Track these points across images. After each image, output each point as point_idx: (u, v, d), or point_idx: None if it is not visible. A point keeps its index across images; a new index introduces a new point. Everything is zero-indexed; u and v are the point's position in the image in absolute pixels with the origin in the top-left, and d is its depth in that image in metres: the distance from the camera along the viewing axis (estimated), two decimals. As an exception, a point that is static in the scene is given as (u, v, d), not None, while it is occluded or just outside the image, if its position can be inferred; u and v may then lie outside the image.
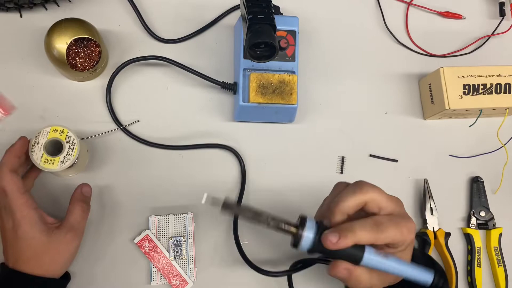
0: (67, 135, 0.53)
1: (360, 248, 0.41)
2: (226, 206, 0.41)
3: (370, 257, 0.41)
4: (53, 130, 0.53)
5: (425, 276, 0.43)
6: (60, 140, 0.53)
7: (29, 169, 0.56)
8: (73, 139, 0.53)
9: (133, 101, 0.63)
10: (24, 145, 0.52)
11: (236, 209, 0.43)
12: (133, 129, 0.62)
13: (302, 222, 0.42)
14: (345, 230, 0.40)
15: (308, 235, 0.41)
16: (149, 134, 0.62)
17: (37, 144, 0.53)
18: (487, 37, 0.73)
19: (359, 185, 0.42)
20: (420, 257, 0.49)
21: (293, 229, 0.42)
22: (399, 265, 0.42)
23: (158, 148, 0.62)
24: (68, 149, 0.53)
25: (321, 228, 0.42)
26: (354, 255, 0.41)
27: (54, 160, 0.53)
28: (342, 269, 0.41)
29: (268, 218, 0.41)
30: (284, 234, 0.42)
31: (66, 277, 0.54)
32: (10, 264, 0.49)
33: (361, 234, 0.39)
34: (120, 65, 0.61)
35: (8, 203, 0.49)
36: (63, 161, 0.53)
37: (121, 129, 0.61)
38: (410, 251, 0.44)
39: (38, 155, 0.52)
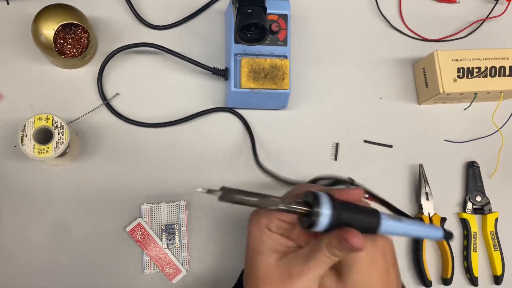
0: (53, 120, 0.53)
1: (375, 219, 0.38)
2: (225, 193, 0.35)
3: (386, 224, 0.38)
4: (38, 119, 0.52)
5: (435, 231, 0.42)
6: (48, 127, 0.52)
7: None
8: (61, 123, 0.53)
9: (124, 89, 0.62)
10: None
11: (239, 196, 0.36)
12: (124, 113, 0.61)
13: (315, 198, 0.36)
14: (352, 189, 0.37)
15: (325, 212, 0.36)
16: (141, 121, 0.61)
17: (26, 136, 0.52)
18: (482, 21, 0.72)
19: None
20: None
21: (307, 209, 0.36)
22: (413, 226, 0.41)
23: (150, 127, 0.61)
24: (58, 133, 0.52)
25: (337, 204, 0.37)
26: (370, 223, 0.38)
27: (48, 148, 0.52)
28: (357, 237, 0.34)
29: (277, 201, 0.36)
30: (294, 215, 0.38)
31: None
32: None
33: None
34: (111, 52, 0.60)
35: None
36: (56, 147, 0.52)
37: (105, 104, 0.60)
38: None
39: (30, 147, 0.52)
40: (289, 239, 0.40)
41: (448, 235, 0.43)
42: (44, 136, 0.53)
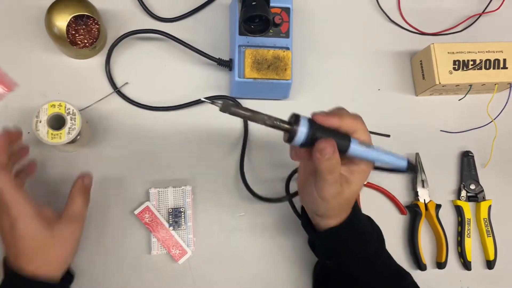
0: (65, 107, 0.55)
1: (347, 139, 0.45)
2: (224, 105, 0.42)
3: (355, 148, 0.45)
4: (51, 106, 0.54)
5: (401, 161, 0.48)
6: (61, 114, 0.55)
7: (20, 168, 0.54)
8: (73, 110, 0.55)
9: (132, 77, 0.65)
10: (6, 137, 0.48)
11: (236, 110, 0.43)
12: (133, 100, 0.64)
13: (296, 119, 0.44)
14: (329, 114, 0.46)
15: (302, 129, 0.43)
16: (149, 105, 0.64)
17: (40, 122, 0.54)
18: (478, 15, 0.74)
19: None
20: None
21: (287, 126, 0.44)
22: (380, 153, 0.47)
23: (156, 111, 0.64)
24: (70, 120, 0.54)
25: (313, 124, 0.44)
26: (341, 146, 0.45)
27: (61, 133, 0.54)
28: (330, 145, 0.43)
29: (264, 117, 0.43)
30: (278, 130, 0.45)
31: (69, 277, 0.53)
32: (11, 264, 0.47)
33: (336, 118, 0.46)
34: (120, 37, 0.63)
35: (2, 201, 0.45)
36: (69, 132, 0.54)
37: (116, 92, 0.63)
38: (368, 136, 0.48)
39: (44, 132, 0.54)
40: None
41: (411, 167, 0.48)
42: (57, 123, 0.56)
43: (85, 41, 0.61)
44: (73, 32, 0.60)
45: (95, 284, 0.59)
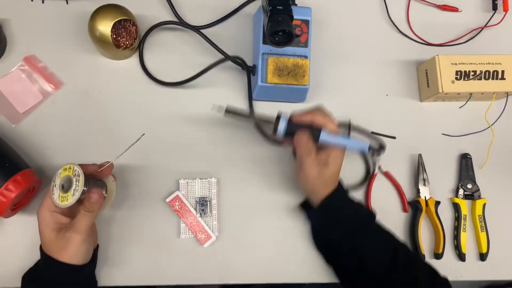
0: (73, 169, 0.56)
1: (317, 130, 0.61)
2: (228, 110, 0.63)
3: (325, 137, 0.61)
4: (64, 169, 0.56)
5: (363, 145, 0.63)
6: (70, 176, 0.56)
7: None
8: (78, 171, 0.55)
9: (163, 74, 0.72)
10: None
11: (235, 112, 0.63)
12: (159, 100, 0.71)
13: (278, 117, 0.62)
14: (303, 114, 0.63)
15: (282, 124, 0.62)
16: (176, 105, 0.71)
17: (55, 186, 0.56)
18: (480, 29, 0.81)
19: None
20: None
21: (271, 122, 0.63)
22: (345, 140, 0.62)
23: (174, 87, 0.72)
24: (76, 181, 0.55)
25: (290, 121, 0.62)
26: (314, 135, 0.61)
27: (67, 196, 0.55)
28: (304, 133, 0.60)
29: (255, 117, 0.64)
30: (268, 125, 0.63)
31: (91, 262, 0.60)
32: (43, 248, 0.58)
33: (309, 115, 0.62)
34: (152, 27, 0.71)
35: (42, 201, 0.57)
36: (73, 194, 0.55)
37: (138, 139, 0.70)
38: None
39: (56, 195, 0.55)
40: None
41: (373, 149, 0.64)
42: (69, 185, 0.56)
43: (127, 42, 0.67)
44: (114, 36, 0.67)
45: (129, 262, 0.66)
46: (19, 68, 0.69)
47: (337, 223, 0.63)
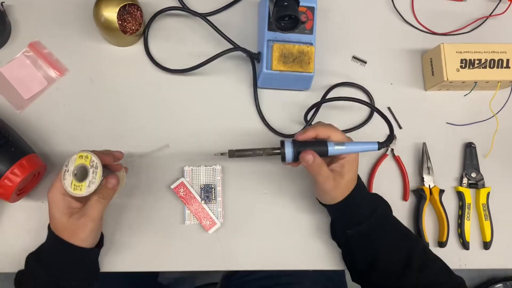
0: (90, 159, 0.55)
1: (323, 145, 0.59)
2: (231, 152, 0.62)
3: (332, 149, 0.59)
4: (80, 156, 0.55)
5: (372, 145, 0.61)
6: (85, 166, 0.55)
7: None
8: (96, 163, 0.55)
9: (168, 61, 0.71)
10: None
11: (238, 153, 0.62)
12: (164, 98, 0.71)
13: (282, 144, 0.60)
14: (305, 131, 0.61)
15: (288, 150, 0.60)
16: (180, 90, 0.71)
17: (67, 171, 0.55)
18: (485, 18, 0.81)
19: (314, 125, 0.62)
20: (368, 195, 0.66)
21: (277, 151, 0.61)
22: (353, 146, 0.60)
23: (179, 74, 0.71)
24: (92, 173, 0.55)
25: (295, 143, 0.60)
26: (322, 151, 0.59)
27: (81, 185, 0.54)
28: (308, 154, 0.58)
29: (261, 151, 0.62)
30: (274, 156, 0.62)
31: (98, 246, 0.61)
32: (52, 228, 0.58)
33: (311, 130, 0.60)
34: (159, 11, 0.70)
35: (53, 183, 0.57)
36: (88, 185, 0.54)
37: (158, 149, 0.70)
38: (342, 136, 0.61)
39: (68, 182, 0.54)
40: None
41: (382, 145, 0.61)
42: (82, 174, 0.56)
43: (133, 27, 0.67)
44: (120, 22, 0.67)
45: (134, 248, 0.66)
46: (24, 54, 0.69)
47: (352, 222, 0.63)
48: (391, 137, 0.61)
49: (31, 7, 0.70)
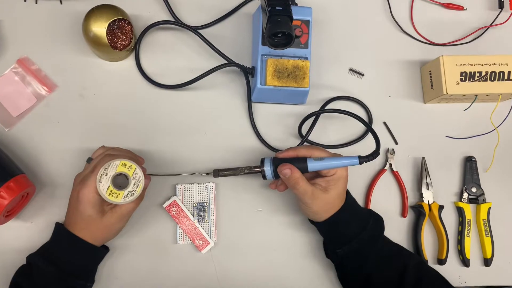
0: (134, 171, 0.55)
1: (303, 161, 0.59)
2: (215, 172, 0.64)
3: (311, 164, 0.59)
4: (123, 164, 0.55)
5: (353, 159, 0.59)
6: (127, 175, 0.55)
7: None
8: (140, 177, 0.55)
9: (160, 76, 0.70)
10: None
11: (222, 172, 0.64)
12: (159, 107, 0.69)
13: (261, 162, 0.62)
14: (286, 150, 0.62)
15: (267, 168, 0.61)
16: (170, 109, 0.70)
17: (105, 175, 0.54)
18: (486, 28, 0.78)
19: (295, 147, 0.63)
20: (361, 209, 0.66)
21: (258, 169, 0.62)
22: (333, 161, 0.59)
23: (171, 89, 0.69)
24: (133, 185, 0.55)
25: (275, 161, 0.61)
26: (302, 167, 0.59)
27: (119, 194, 0.54)
28: (286, 168, 0.59)
29: (242, 169, 0.63)
30: (256, 174, 0.63)
31: (106, 247, 0.62)
32: (67, 226, 0.58)
33: (292, 150, 0.61)
34: (147, 26, 0.69)
35: (86, 179, 0.55)
36: (127, 196, 0.55)
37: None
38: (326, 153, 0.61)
39: (105, 186, 0.54)
40: None
41: (363, 160, 0.59)
42: (120, 182, 0.55)
43: (123, 42, 0.66)
44: (110, 37, 0.65)
45: (125, 269, 0.65)
46: (12, 70, 0.67)
47: (342, 240, 0.62)
48: (376, 152, 0.59)
49: (20, 22, 0.68)
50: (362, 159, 0.59)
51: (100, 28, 0.64)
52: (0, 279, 0.62)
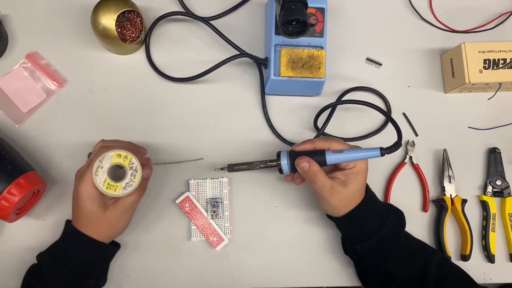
0: (130, 161, 0.53)
1: (321, 153, 0.57)
2: (230, 167, 0.61)
3: (330, 157, 0.57)
4: (117, 155, 0.53)
5: (374, 151, 0.56)
6: (123, 166, 0.53)
7: None
8: (136, 166, 0.53)
9: (171, 69, 0.68)
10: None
11: (237, 167, 0.61)
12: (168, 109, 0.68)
13: (278, 155, 0.59)
14: (303, 142, 0.59)
15: (284, 162, 0.59)
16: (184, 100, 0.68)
17: (101, 168, 0.52)
18: (510, 13, 0.75)
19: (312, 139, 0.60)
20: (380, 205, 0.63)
21: (274, 163, 0.60)
22: (352, 153, 0.57)
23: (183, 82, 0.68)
24: (131, 175, 0.53)
25: (291, 154, 0.59)
26: (320, 160, 0.57)
27: (117, 186, 0.52)
28: (304, 161, 0.56)
29: (258, 163, 0.61)
30: (270, 168, 0.61)
31: (116, 244, 0.61)
32: (73, 223, 0.57)
33: (309, 142, 0.59)
34: (158, 18, 0.67)
35: (83, 174, 0.54)
36: (125, 187, 0.53)
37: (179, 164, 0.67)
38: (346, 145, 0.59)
39: (102, 179, 0.52)
40: None
41: (385, 151, 0.56)
42: (117, 174, 0.54)
43: (133, 35, 0.64)
44: (119, 29, 0.64)
45: (137, 267, 0.64)
46: (21, 65, 0.66)
47: (362, 237, 0.60)
48: (398, 144, 0.56)
49: (28, 16, 0.67)
50: (384, 151, 0.56)
51: (109, 20, 0.62)
52: (12, 277, 0.61)
